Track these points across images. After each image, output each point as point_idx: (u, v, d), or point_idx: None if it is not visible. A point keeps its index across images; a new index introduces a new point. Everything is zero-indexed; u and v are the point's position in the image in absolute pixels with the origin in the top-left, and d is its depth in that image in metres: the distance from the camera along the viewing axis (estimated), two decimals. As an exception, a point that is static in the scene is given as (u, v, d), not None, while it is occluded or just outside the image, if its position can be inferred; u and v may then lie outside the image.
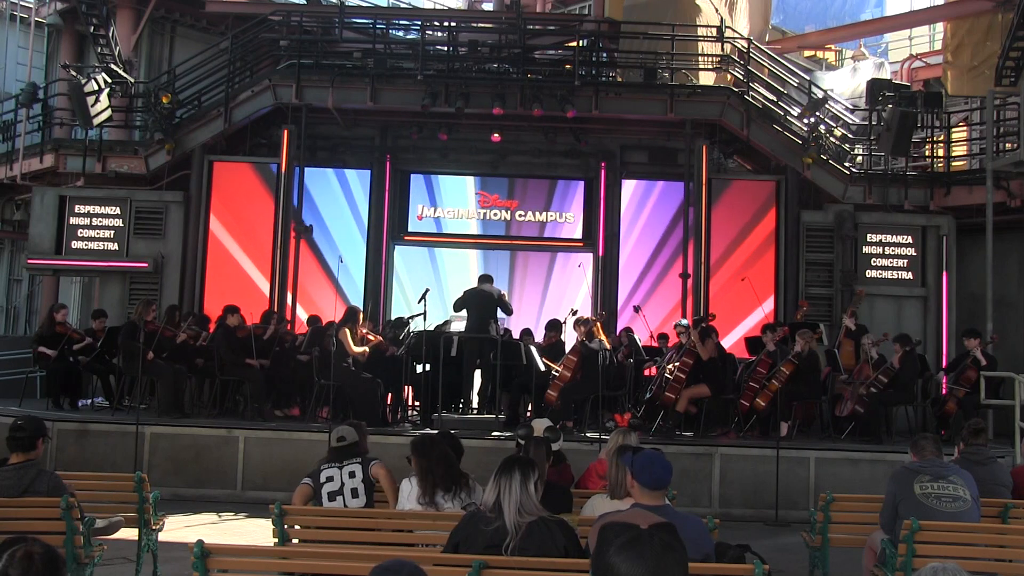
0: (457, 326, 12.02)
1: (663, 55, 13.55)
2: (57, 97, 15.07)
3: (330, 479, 5.16)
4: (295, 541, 5.03)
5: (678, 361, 10.34)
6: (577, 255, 14.48)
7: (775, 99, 13.61)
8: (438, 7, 22.58)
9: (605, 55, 14.49)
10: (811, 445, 10.21)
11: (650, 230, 13.80)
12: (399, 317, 12.44)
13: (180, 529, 7.94)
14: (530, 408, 10.77)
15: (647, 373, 11.90)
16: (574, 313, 11.18)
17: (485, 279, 11.38)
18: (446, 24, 14.89)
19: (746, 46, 13.47)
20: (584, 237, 14.30)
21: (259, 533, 6.88)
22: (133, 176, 13.53)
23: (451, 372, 10.83)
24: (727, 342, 12.10)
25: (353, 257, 13.74)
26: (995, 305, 12.15)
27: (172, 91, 13.02)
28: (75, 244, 13.15)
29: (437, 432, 6.05)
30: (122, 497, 6.10)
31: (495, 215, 14.32)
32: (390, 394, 10.84)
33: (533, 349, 10.43)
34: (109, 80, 12.86)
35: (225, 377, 11.08)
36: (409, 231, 14.36)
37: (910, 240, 12.97)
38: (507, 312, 11.28)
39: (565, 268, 15.14)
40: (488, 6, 21.96)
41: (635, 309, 12.54)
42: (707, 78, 14.23)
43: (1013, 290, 13.21)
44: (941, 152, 14.00)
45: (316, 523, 5.09)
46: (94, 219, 13.18)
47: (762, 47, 14.60)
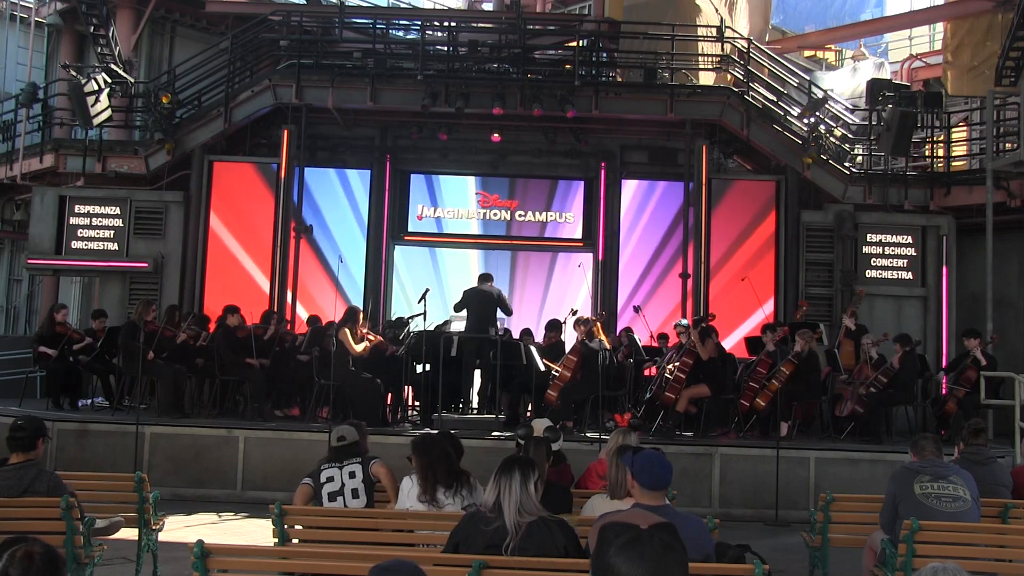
0: (457, 326, 12.02)
1: (663, 55, 13.56)
2: (57, 97, 15.07)
3: (330, 479, 5.16)
4: (295, 541, 5.03)
5: (678, 361, 10.34)
6: (577, 255, 14.46)
7: (775, 99, 13.61)
8: (438, 7, 22.58)
9: (605, 55, 14.48)
10: (811, 445, 10.22)
11: (650, 230, 13.79)
12: (399, 317, 12.44)
13: (180, 529, 7.94)
14: (530, 408, 10.77)
15: (647, 373, 11.90)
16: (574, 313, 11.17)
17: (485, 278, 11.39)
18: (446, 24, 14.89)
19: (746, 46, 13.47)
20: (584, 237, 14.29)
21: (259, 533, 6.88)
22: (133, 176, 13.53)
23: (451, 372, 10.84)
24: (727, 342, 12.09)
25: (353, 257, 13.74)
26: (995, 305, 12.16)
27: (172, 91, 13.02)
28: (75, 244, 13.15)
29: (437, 432, 6.05)
30: (122, 497, 6.10)
31: (495, 215, 14.31)
32: (390, 394, 10.84)
33: (533, 349, 10.42)
34: (109, 80, 12.86)
35: (225, 377, 11.08)
36: (409, 231, 14.34)
37: (910, 240, 12.96)
38: (507, 312, 11.30)
39: (565, 268, 15.14)
40: (488, 6, 21.95)
41: (635, 309, 12.54)
42: (707, 78, 14.24)
43: (1013, 290, 13.22)
44: (941, 152, 13.99)
45: (316, 523, 5.09)
46: (94, 219, 13.17)
47: (762, 47, 14.59)
